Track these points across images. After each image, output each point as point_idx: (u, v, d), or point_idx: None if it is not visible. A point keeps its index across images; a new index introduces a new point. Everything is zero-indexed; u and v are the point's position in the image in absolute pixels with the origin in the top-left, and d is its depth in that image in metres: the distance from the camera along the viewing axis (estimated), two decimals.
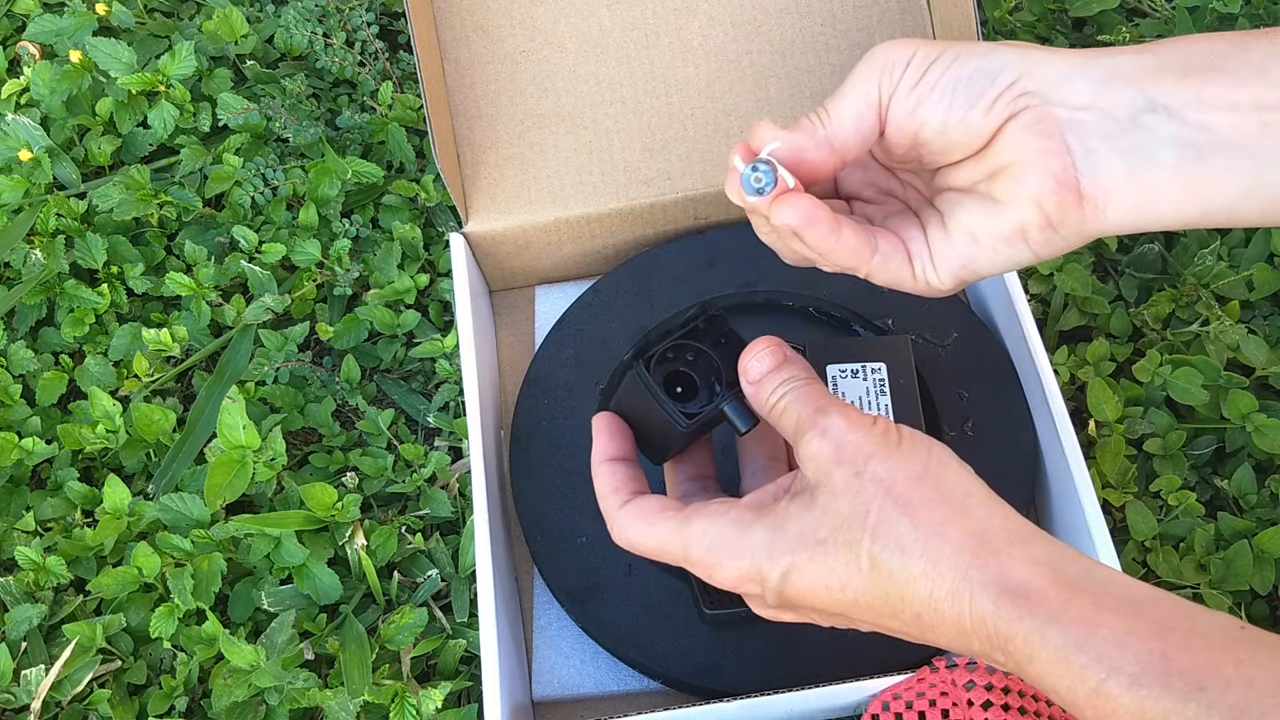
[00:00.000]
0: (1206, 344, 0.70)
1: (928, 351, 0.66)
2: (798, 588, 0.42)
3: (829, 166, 0.46)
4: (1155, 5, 0.85)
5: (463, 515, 0.71)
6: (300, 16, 0.86)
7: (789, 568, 0.42)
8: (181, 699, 0.65)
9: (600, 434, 0.50)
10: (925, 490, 0.41)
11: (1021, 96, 0.43)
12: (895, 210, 0.50)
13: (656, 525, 0.45)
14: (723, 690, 0.58)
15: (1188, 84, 0.42)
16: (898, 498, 0.40)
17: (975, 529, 0.40)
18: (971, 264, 0.46)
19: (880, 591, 0.41)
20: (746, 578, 0.43)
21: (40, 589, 0.70)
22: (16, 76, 0.90)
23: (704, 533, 0.44)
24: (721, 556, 0.43)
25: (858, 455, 0.41)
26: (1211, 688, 0.34)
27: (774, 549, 0.42)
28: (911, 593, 0.40)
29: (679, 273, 0.70)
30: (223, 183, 0.82)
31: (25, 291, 0.80)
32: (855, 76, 0.45)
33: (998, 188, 0.45)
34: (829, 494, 0.42)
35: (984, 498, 0.41)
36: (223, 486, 0.68)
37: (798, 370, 0.45)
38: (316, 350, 0.79)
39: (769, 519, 0.43)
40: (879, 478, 0.41)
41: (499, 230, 0.70)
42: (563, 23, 0.72)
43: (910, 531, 0.40)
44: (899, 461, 0.41)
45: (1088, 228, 0.44)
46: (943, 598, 0.39)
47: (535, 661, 0.63)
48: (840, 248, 0.46)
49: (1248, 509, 0.66)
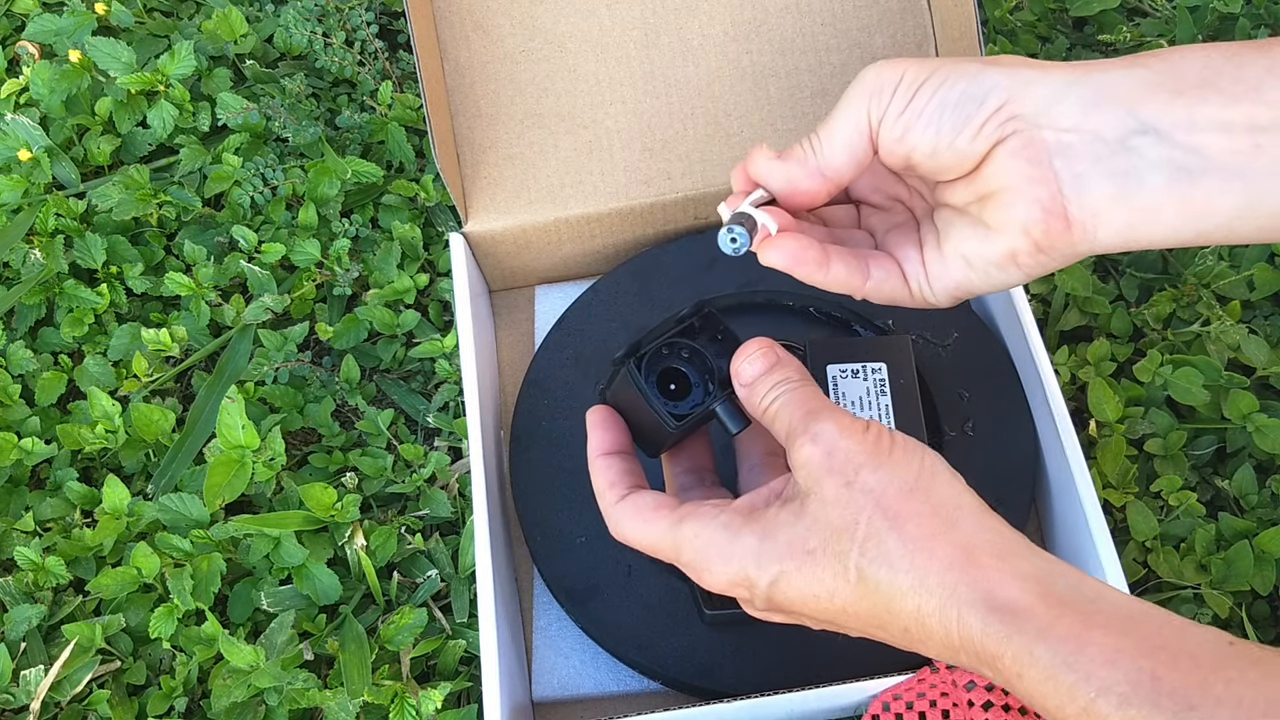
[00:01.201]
0: (1207, 344, 0.70)
1: (928, 351, 0.66)
2: (786, 595, 0.42)
3: (823, 193, 0.47)
4: (1156, 5, 0.85)
5: (462, 515, 0.71)
6: (300, 16, 0.86)
7: (777, 575, 0.42)
8: (181, 699, 0.65)
9: (595, 428, 0.50)
10: (915, 503, 0.40)
11: (1009, 121, 0.43)
12: (899, 222, 0.51)
13: (650, 523, 0.45)
14: (723, 690, 0.57)
15: (1180, 103, 0.41)
16: (887, 510, 0.40)
17: (963, 544, 0.39)
18: (965, 285, 0.47)
19: (868, 604, 0.41)
20: (735, 583, 0.43)
21: (39, 589, 0.69)
22: (16, 76, 0.90)
23: (695, 535, 0.44)
24: (711, 561, 0.43)
25: (848, 465, 0.41)
26: (1201, 706, 0.34)
27: (762, 556, 0.42)
28: (899, 607, 0.40)
29: (679, 273, 0.70)
30: (222, 182, 0.82)
31: (24, 291, 0.80)
32: (845, 102, 0.46)
33: (988, 213, 0.45)
34: (819, 503, 0.41)
35: (973, 510, 0.41)
36: (222, 486, 0.68)
37: (790, 372, 0.45)
38: (316, 350, 0.79)
39: (759, 525, 0.43)
40: (869, 489, 0.41)
41: (499, 230, 0.70)
42: (563, 22, 0.72)
43: (898, 546, 0.40)
44: (889, 472, 0.41)
45: (1079, 249, 0.44)
46: (930, 613, 0.39)
47: (535, 662, 0.63)
48: (830, 280, 0.47)
49: (1248, 509, 0.66)
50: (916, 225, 0.50)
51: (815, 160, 0.46)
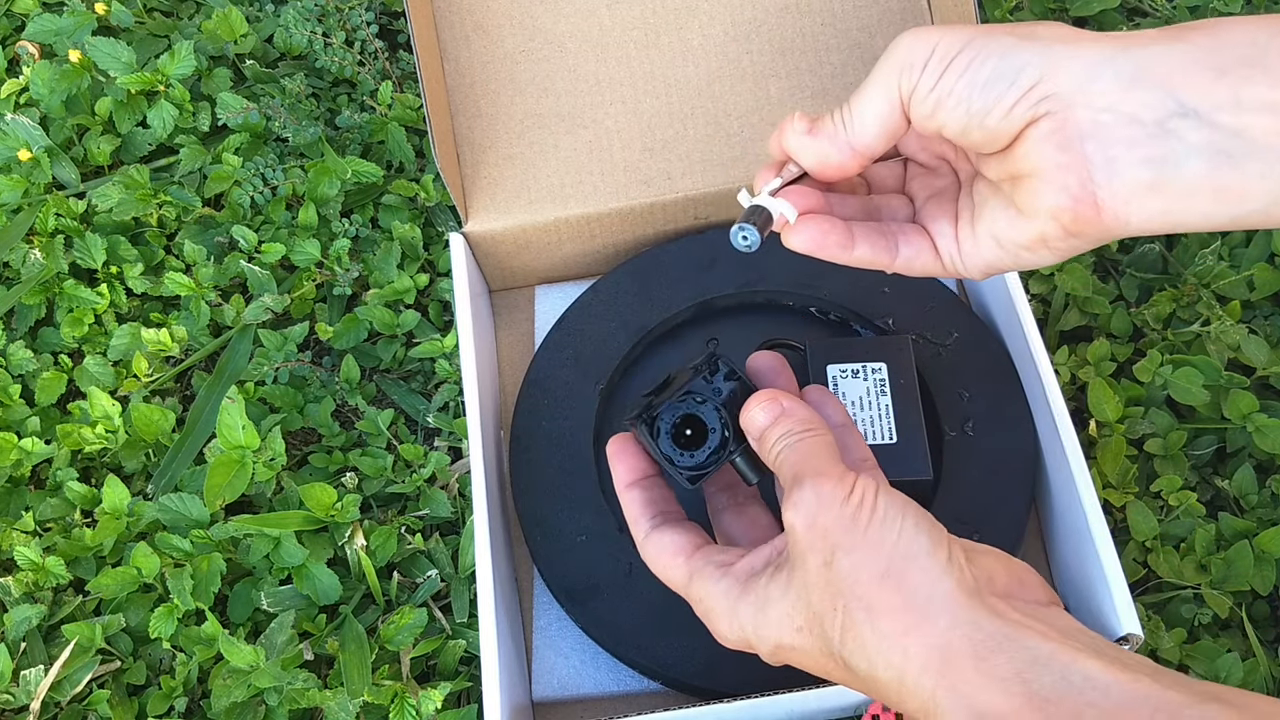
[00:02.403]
0: (1207, 344, 0.70)
1: (928, 351, 0.66)
2: (787, 659, 0.44)
3: (855, 167, 0.46)
4: (1156, 4, 0.85)
5: (462, 515, 0.71)
6: (300, 16, 0.86)
7: (774, 648, 0.43)
8: (181, 699, 0.65)
9: (617, 458, 0.50)
10: (887, 594, 0.40)
11: (1042, 101, 0.42)
12: (941, 187, 0.50)
13: (670, 567, 0.48)
14: (723, 690, 0.57)
15: (1224, 84, 0.39)
16: (861, 599, 0.40)
17: (938, 643, 0.38)
18: (997, 264, 0.47)
19: (857, 683, 0.41)
20: (738, 644, 0.45)
21: (39, 589, 0.69)
22: (16, 76, 0.90)
23: (701, 598, 0.46)
24: (716, 624, 0.45)
25: (825, 542, 0.41)
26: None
27: (759, 629, 0.44)
28: (884, 694, 0.40)
29: (679, 273, 0.70)
30: (222, 182, 0.82)
31: (24, 291, 0.80)
32: (876, 75, 0.45)
33: (1019, 196, 0.45)
34: (802, 580, 0.42)
35: (948, 600, 0.39)
36: (222, 487, 0.68)
37: (793, 424, 0.45)
38: (316, 350, 0.79)
39: (753, 597, 0.44)
40: (844, 574, 0.40)
41: (499, 230, 0.70)
42: (563, 22, 0.72)
43: (874, 640, 0.40)
44: (863, 555, 0.40)
45: (1112, 232, 0.43)
46: (913, 709, 0.39)
47: (535, 661, 0.63)
48: (856, 260, 0.48)
49: (1248, 509, 0.66)
50: (957, 193, 0.49)
51: (845, 134, 0.45)
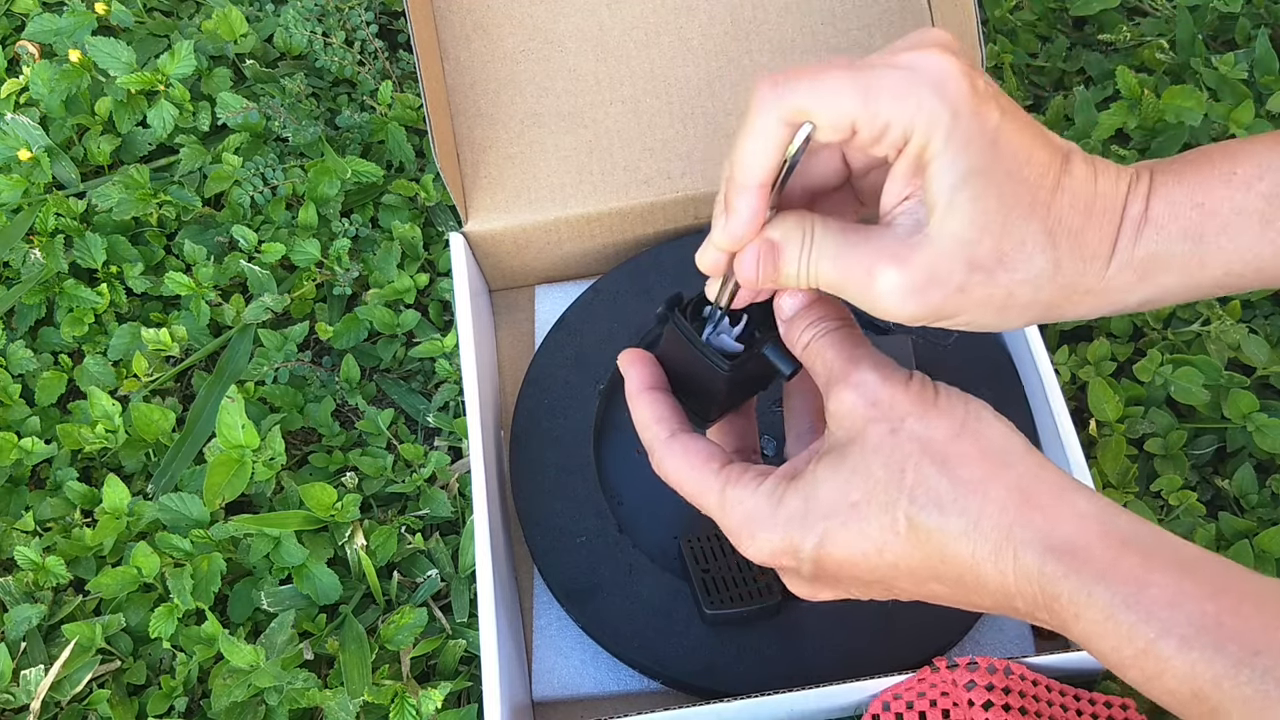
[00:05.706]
0: (1207, 343, 0.70)
1: (928, 351, 0.66)
2: (834, 556, 0.40)
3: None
4: (1156, 4, 0.85)
5: (462, 515, 0.71)
6: (300, 16, 0.86)
7: (823, 535, 0.40)
8: (181, 699, 0.65)
9: (633, 365, 0.47)
10: (964, 446, 0.39)
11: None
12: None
13: (698, 472, 0.44)
14: (723, 690, 0.57)
15: None
16: (935, 455, 0.39)
17: (1017, 484, 0.38)
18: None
19: (920, 555, 0.39)
20: (780, 551, 0.41)
21: (40, 589, 0.69)
22: (16, 76, 0.90)
23: (739, 502, 0.42)
24: (755, 529, 0.42)
25: (893, 412, 0.40)
26: (1267, 652, 0.33)
27: (807, 517, 0.40)
28: (953, 553, 0.38)
29: (679, 272, 0.70)
30: (222, 182, 0.82)
31: (24, 291, 0.80)
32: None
33: None
34: (860, 452, 0.40)
35: (1024, 452, 0.39)
36: (222, 486, 0.68)
37: (829, 310, 0.43)
38: (316, 350, 0.79)
39: (801, 487, 0.41)
40: (915, 435, 0.39)
41: (499, 230, 0.70)
42: (563, 22, 0.72)
43: (949, 490, 0.38)
44: (935, 419, 0.40)
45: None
46: (985, 558, 0.38)
47: (535, 661, 0.63)
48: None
49: (1249, 509, 0.66)
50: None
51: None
